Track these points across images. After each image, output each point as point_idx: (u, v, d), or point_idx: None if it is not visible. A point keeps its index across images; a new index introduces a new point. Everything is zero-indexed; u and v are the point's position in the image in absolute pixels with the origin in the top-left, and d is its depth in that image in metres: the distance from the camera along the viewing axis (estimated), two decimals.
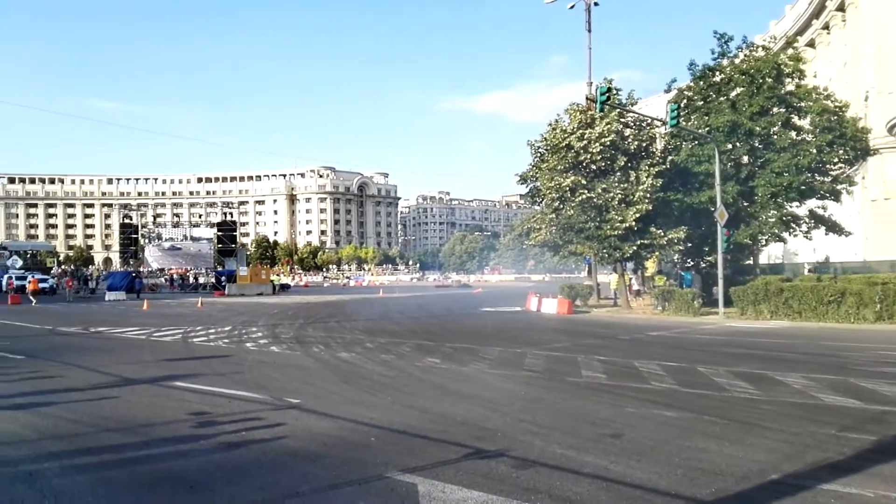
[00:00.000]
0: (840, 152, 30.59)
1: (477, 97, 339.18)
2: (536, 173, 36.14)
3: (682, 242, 31.73)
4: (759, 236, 31.26)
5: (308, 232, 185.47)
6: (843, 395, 10.50)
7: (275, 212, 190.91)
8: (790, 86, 31.26)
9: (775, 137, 30.31)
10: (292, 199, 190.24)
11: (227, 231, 72.45)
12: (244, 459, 7.13)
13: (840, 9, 48.80)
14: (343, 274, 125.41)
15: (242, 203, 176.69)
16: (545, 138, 33.97)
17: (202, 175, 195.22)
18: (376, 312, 33.14)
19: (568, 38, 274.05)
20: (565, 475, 6.44)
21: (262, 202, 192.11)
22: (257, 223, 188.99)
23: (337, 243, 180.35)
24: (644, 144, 31.92)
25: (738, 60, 31.88)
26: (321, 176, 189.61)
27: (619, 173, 30.75)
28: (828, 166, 31.18)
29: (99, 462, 7.15)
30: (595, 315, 31.22)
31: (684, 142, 33.66)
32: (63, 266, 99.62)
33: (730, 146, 31.09)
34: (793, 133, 30.70)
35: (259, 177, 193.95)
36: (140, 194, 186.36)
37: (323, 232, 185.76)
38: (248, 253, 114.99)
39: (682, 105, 31.92)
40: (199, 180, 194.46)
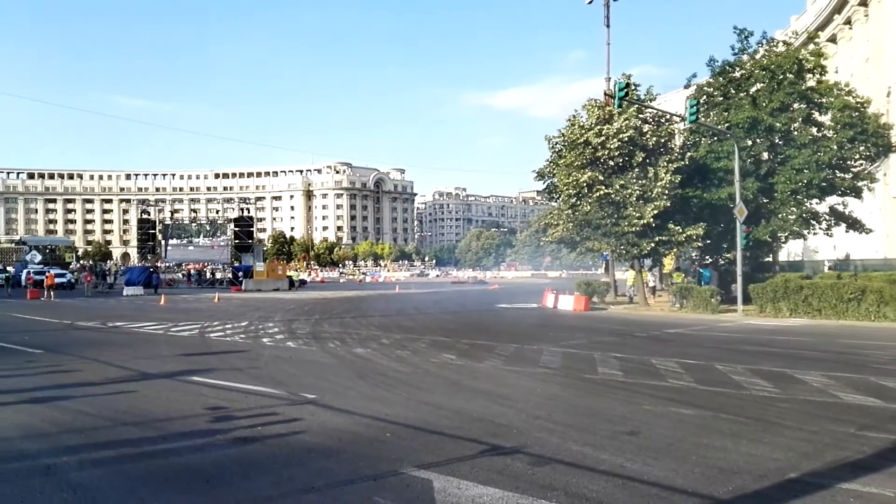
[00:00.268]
0: (861, 149, 30.21)
1: (495, 93, 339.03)
2: (554, 169, 35.99)
3: (701, 239, 31.48)
4: (779, 233, 30.94)
5: (324, 228, 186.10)
6: (863, 394, 10.38)
7: (291, 207, 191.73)
8: (811, 81, 30.89)
9: (796, 134, 30.00)
10: (309, 195, 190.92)
11: (244, 227, 72.74)
12: (260, 454, 7.15)
13: (862, 3, 48.08)
14: (359, 270, 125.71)
15: (259, 199, 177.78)
16: (563, 134, 33.83)
17: (219, 171, 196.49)
18: (392, 308, 33.19)
19: (587, 34, 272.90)
20: (581, 472, 6.41)
21: (279, 198, 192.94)
22: (274, 219, 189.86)
23: (353, 239, 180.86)
24: (662, 140, 31.72)
25: (759, 56, 31.55)
26: (338, 172, 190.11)
27: (637, 169, 30.55)
28: (849, 163, 30.79)
29: (116, 456, 7.20)
30: (612, 312, 31.07)
31: (703, 138, 33.42)
32: (81, 261, 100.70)
33: (749, 142, 30.81)
34: (813, 129, 30.36)
35: (276, 172, 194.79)
36: (158, 190, 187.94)
37: (339, 228, 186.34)
38: (265, 249, 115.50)
39: (702, 101, 31.75)
40: (217, 176, 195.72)
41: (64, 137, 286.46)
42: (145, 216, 77.76)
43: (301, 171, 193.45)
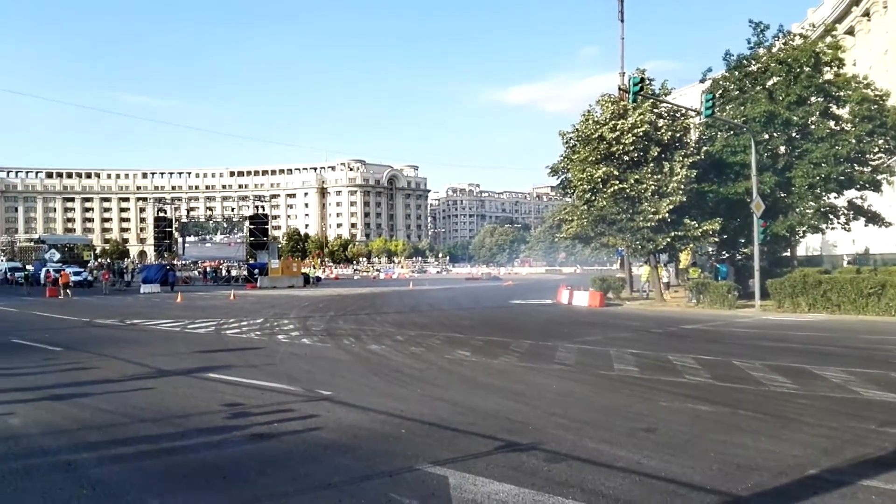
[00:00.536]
0: (880, 142, 29.93)
1: (508, 89, 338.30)
2: (568, 165, 35.87)
3: (717, 234, 31.28)
4: (797, 228, 30.69)
5: (338, 225, 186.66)
6: (884, 390, 10.27)
7: (306, 205, 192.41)
8: (829, 74, 30.60)
9: (813, 127, 29.73)
10: (323, 193, 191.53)
11: (259, 224, 73.14)
12: (277, 451, 7.18)
13: None
14: (373, 267, 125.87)
15: (274, 196, 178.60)
16: (577, 129, 33.71)
17: (234, 169, 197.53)
18: (406, 305, 33.22)
19: (600, 29, 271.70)
20: (598, 469, 6.38)
21: (294, 195, 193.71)
22: (288, 216, 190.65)
23: (367, 236, 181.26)
24: (678, 135, 31.52)
25: (775, 49, 31.27)
26: (351, 169, 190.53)
27: (653, 164, 30.39)
28: (868, 156, 30.50)
29: (135, 452, 7.26)
30: (627, 308, 30.92)
31: (719, 132, 33.22)
32: (99, 259, 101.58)
33: (766, 136, 30.58)
34: (831, 123, 30.09)
35: (290, 170, 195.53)
36: (174, 188, 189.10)
37: (353, 225, 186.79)
38: (280, 246, 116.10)
39: (718, 95, 31.53)
40: (232, 174, 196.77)
41: (82, 137, 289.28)
42: (162, 214, 78.47)
43: (315, 169, 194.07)
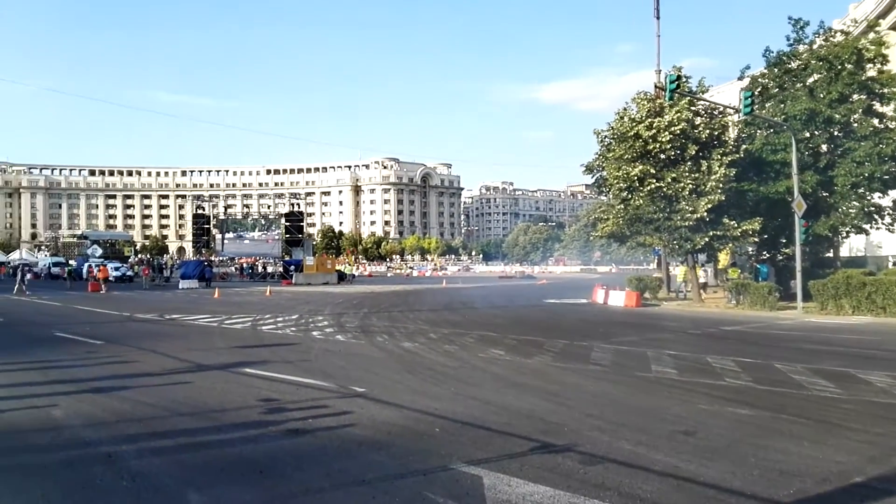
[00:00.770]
0: None
1: (542, 86, 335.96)
2: (603, 163, 35.56)
3: (758, 234, 30.70)
4: (840, 228, 30.03)
5: (372, 222, 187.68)
6: None
7: (340, 202, 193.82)
8: (872, 71, 29.83)
9: (856, 125, 29.03)
10: (357, 190, 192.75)
11: (295, 222, 73.88)
12: (312, 446, 7.23)
13: None
14: (406, 264, 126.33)
15: (309, 194, 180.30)
16: (612, 127, 33.42)
17: (271, 167, 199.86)
18: (439, 303, 33.25)
19: (635, 26, 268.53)
20: (635, 472, 6.28)
21: (328, 193, 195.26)
22: (323, 214, 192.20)
23: (400, 234, 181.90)
24: (716, 133, 31.01)
25: (816, 46, 30.59)
26: (385, 167, 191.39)
27: (690, 163, 29.94)
28: None
29: (174, 445, 7.36)
30: (665, 308, 30.53)
31: (759, 130, 32.64)
32: (140, 255, 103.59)
33: (807, 134, 29.95)
34: (875, 121, 29.31)
35: (325, 168, 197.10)
36: (212, 186, 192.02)
37: (387, 222, 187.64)
38: (315, 243, 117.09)
39: (757, 92, 30.97)
40: (269, 172, 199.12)
41: (124, 136, 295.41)
42: (200, 211, 79.56)
43: (349, 167, 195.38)
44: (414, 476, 6.16)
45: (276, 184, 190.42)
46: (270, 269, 68.81)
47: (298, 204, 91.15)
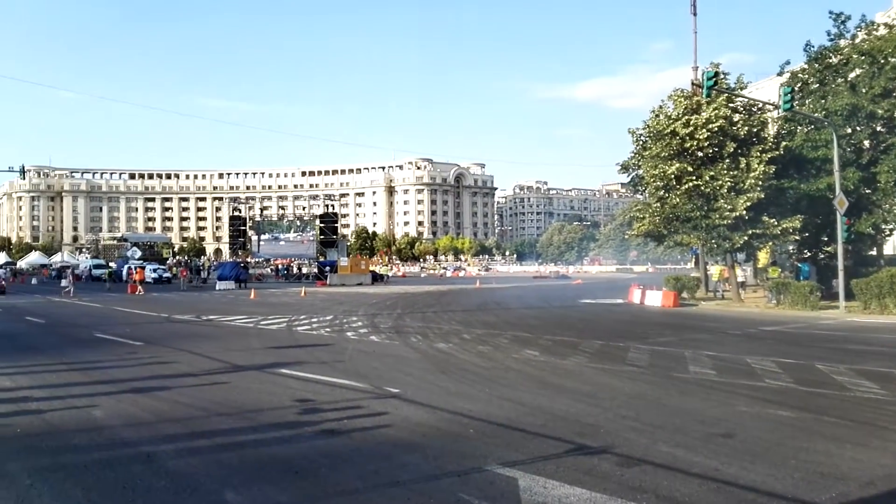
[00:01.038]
0: None
1: (576, 84, 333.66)
2: (639, 161, 35.16)
3: (798, 232, 30.08)
4: (883, 225, 29.36)
5: (406, 223, 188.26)
6: None
7: (374, 203, 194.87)
8: None
9: None
10: (391, 191, 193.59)
11: (329, 223, 74.62)
12: (346, 447, 7.25)
13: None
14: (440, 264, 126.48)
15: (343, 195, 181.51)
16: (648, 125, 33.05)
17: (306, 169, 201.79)
18: (473, 303, 33.21)
19: (671, 23, 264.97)
20: (672, 475, 6.17)
21: (362, 194, 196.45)
22: (357, 215, 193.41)
23: (434, 234, 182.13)
24: (755, 130, 30.43)
25: (858, 41, 29.86)
26: (419, 168, 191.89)
27: (728, 160, 29.43)
28: None
29: (211, 445, 7.46)
30: (703, 308, 30.06)
31: (799, 126, 32.01)
32: (177, 257, 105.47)
33: (849, 130, 29.33)
34: None
35: (359, 169, 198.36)
36: (248, 188, 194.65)
37: (420, 223, 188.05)
38: (349, 244, 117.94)
39: (797, 88, 30.42)
40: (303, 174, 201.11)
41: (163, 140, 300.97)
42: (236, 213, 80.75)
43: (383, 168, 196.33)
44: (449, 477, 6.14)
45: (311, 185, 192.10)
46: (305, 270, 69.57)
47: (333, 205, 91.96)
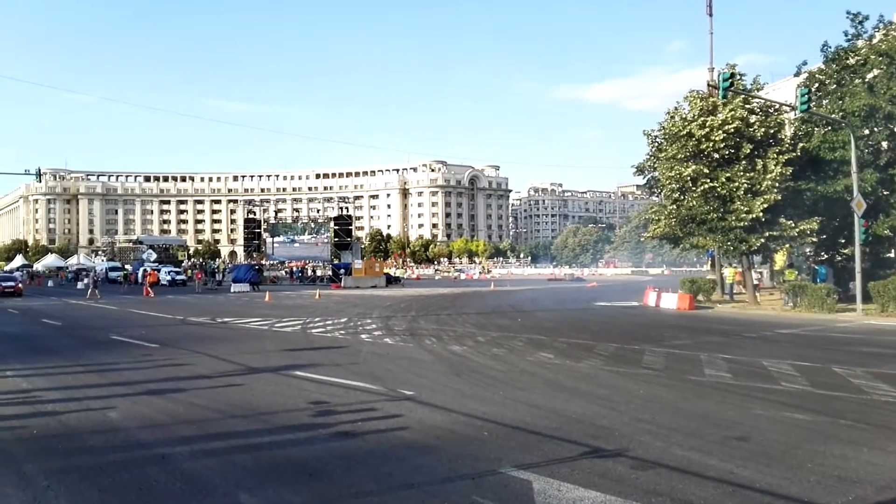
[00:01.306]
0: None
1: (591, 86, 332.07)
2: (654, 163, 34.99)
3: (815, 234, 29.79)
4: None
5: (420, 225, 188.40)
6: None
7: (388, 206, 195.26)
8: None
9: None
10: (405, 193, 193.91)
11: (343, 225, 74.94)
12: (360, 449, 7.26)
13: None
14: (454, 267, 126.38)
15: (357, 198, 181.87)
16: (663, 127, 32.92)
17: (320, 171, 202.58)
18: (487, 306, 33.17)
19: (687, 24, 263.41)
20: (688, 478, 6.15)
21: (376, 196, 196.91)
22: (371, 217, 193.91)
23: (448, 236, 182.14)
24: (771, 131, 30.24)
25: (875, 41, 29.55)
26: (433, 170, 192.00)
27: (745, 162, 29.25)
28: None
29: (226, 447, 7.50)
30: (719, 311, 29.85)
31: (816, 127, 31.67)
32: (193, 259, 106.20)
33: (867, 131, 28.97)
34: None
35: (373, 172, 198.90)
36: (263, 191, 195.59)
37: (434, 225, 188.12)
38: (363, 246, 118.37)
39: (814, 89, 30.09)
40: (318, 176, 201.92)
41: (178, 142, 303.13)
42: (251, 216, 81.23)
43: (397, 170, 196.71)
44: (463, 480, 6.14)
45: (326, 188, 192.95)
46: (319, 273, 69.78)
47: (347, 207, 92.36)
